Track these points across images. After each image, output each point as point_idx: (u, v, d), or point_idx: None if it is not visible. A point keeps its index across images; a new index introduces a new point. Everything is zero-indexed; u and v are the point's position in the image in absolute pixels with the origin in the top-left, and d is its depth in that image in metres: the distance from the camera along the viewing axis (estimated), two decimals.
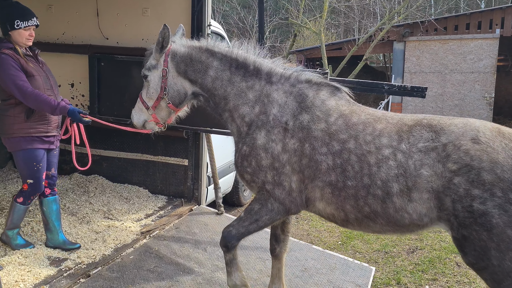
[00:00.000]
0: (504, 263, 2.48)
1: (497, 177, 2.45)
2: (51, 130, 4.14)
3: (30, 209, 5.15)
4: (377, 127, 2.90)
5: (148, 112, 3.49)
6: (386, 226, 2.86)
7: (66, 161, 6.42)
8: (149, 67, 3.45)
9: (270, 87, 3.25)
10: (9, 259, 3.93)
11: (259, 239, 4.99)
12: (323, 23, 18.02)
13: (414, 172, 2.66)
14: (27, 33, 3.98)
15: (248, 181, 3.30)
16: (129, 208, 5.38)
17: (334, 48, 19.54)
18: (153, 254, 4.35)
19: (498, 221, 2.44)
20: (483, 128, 2.63)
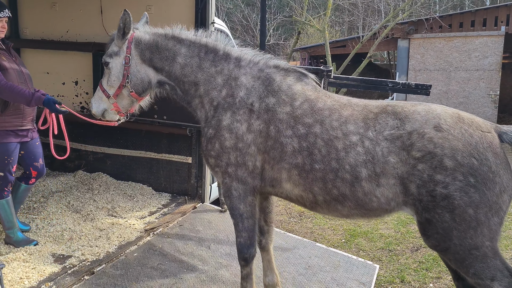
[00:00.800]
0: (465, 241, 2.62)
1: (458, 163, 2.58)
2: (26, 123, 4.16)
3: (35, 206, 5.17)
4: (343, 113, 2.96)
5: (109, 100, 3.38)
6: (355, 209, 2.92)
7: (70, 159, 6.45)
8: (111, 53, 3.35)
9: (238, 70, 3.26)
10: (14, 256, 3.94)
11: None
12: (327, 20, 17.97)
13: (382, 159, 2.74)
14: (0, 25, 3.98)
15: (212, 165, 3.30)
16: (133, 205, 5.39)
17: (338, 45, 19.51)
18: (157, 252, 4.36)
19: (460, 202, 2.57)
20: (444, 115, 2.74)
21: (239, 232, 3.32)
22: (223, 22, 7.43)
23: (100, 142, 6.23)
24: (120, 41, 3.32)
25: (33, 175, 4.37)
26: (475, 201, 2.57)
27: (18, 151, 4.18)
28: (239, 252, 3.38)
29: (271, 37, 26.99)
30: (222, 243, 4.73)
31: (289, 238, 5.11)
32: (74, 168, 6.41)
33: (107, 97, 3.37)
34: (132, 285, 3.76)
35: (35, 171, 4.36)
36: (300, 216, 7.00)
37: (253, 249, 3.36)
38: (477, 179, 2.57)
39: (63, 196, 5.49)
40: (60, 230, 4.54)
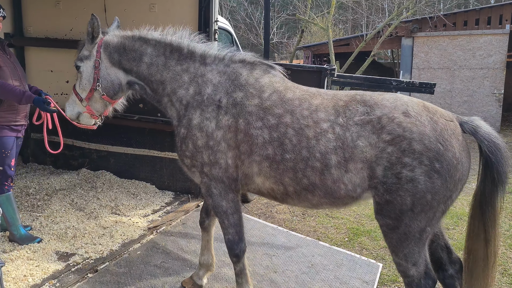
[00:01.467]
0: (414, 223, 2.75)
1: (425, 147, 2.67)
2: (20, 119, 4.26)
3: (39, 204, 5.19)
4: (313, 102, 3.01)
5: (82, 104, 3.42)
6: (324, 198, 2.97)
7: (74, 157, 6.48)
8: (82, 57, 3.41)
9: (204, 68, 3.29)
10: (18, 254, 3.96)
11: (266, 235, 5.00)
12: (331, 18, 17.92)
13: (351, 144, 2.81)
14: None
15: (188, 166, 3.32)
16: (136, 203, 5.40)
17: (341, 44, 19.45)
18: (160, 250, 4.37)
19: (423, 187, 2.68)
20: (411, 103, 2.84)
21: (226, 229, 3.35)
22: (226, 21, 7.42)
23: (103, 140, 6.25)
24: (90, 45, 3.39)
25: None
26: (436, 187, 2.68)
27: (15, 145, 4.25)
28: (229, 249, 3.40)
29: (274, 35, 26.92)
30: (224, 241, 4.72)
31: (291, 236, 5.11)
32: (78, 166, 6.44)
33: (80, 101, 3.41)
34: (136, 283, 3.78)
35: None
36: (303, 215, 7.00)
37: (242, 244, 3.39)
38: (442, 165, 2.67)
39: (67, 194, 5.51)
40: (63, 228, 4.56)
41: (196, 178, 3.37)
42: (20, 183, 5.78)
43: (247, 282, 3.51)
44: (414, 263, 2.84)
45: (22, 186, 5.71)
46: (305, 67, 4.99)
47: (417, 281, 2.87)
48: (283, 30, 28.54)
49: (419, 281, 2.87)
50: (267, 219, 6.72)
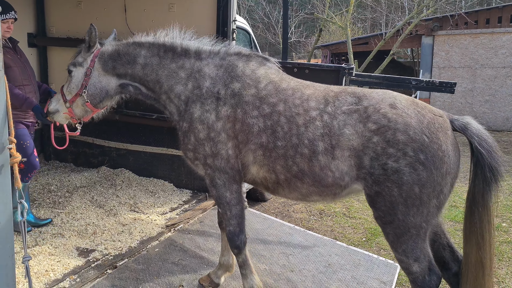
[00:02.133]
0: (408, 218, 2.77)
1: (409, 138, 2.71)
2: (29, 117, 4.48)
3: (60, 200, 5.29)
4: (305, 92, 3.12)
5: (66, 105, 3.53)
6: (312, 186, 3.03)
7: (94, 155, 6.58)
8: (75, 63, 3.52)
9: (200, 62, 3.37)
10: (40, 249, 4.04)
11: (283, 235, 5.01)
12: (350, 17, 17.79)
13: (337, 131, 2.88)
14: (5, 26, 4.26)
15: (191, 159, 3.39)
16: (154, 201, 5.46)
17: (360, 42, 19.30)
18: (178, 247, 4.41)
19: (408, 179, 2.70)
20: (399, 97, 2.91)
21: (228, 221, 3.39)
22: (244, 20, 7.43)
23: (123, 138, 6.33)
24: (85, 53, 3.50)
25: None
26: (422, 180, 2.70)
27: (30, 137, 4.45)
28: (231, 241, 3.44)
29: (292, 34, 26.86)
30: None
31: (308, 236, 5.10)
32: (98, 164, 6.54)
33: (64, 101, 3.53)
34: (154, 279, 3.82)
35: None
36: (320, 214, 6.98)
37: (243, 235, 3.43)
38: (427, 156, 2.69)
39: (87, 191, 5.60)
40: (84, 225, 4.64)
41: (200, 171, 3.44)
42: (42, 180, 5.90)
43: (252, 272, 3.55)
44: (415, 259, 2.85)
45: (44, 183, 5.83)
46: (322, 66, 4.98)
47: (422, 278, 2.88)
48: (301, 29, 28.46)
49: (423, 278, 2.88)
50: (284, 218, 6.73)
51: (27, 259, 2.68)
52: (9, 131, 2.70)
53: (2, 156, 2.70)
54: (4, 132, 2.72)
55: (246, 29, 6.97)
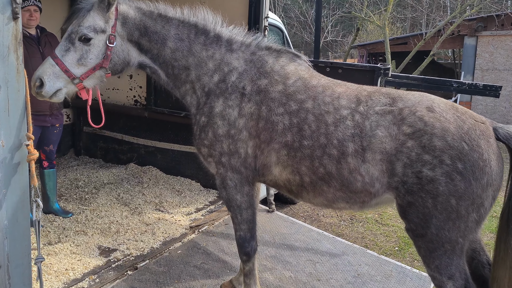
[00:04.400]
0: (442, 233, 2.55)
1: (447, 144, 2.49)
2: (42, 109, 4.41)
3: (86, 197, 5.27)
4: (336, 90, 2.92)
5: (74, 81, 2.89)
6: (340, 191, 2.82)
7: (123, 151, 6.57)
8: (96, 28, 2.89)
9: (230, 55, 3.14)
10: (62, 247, 4.00)
11: (310, 241, 4.80)
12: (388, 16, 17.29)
13: (369, 132, 2.68)
14: (27, 14, 4.20)
15: (205, 155, 3.19)
16: (180, 201, 5.36)
17: (399, 42, 18.76)
18: (201, 250, 4.29)
19: (444, 189, 2.48)
20: (438, 101, 2.70)
21: (238, 225, 3.23)
22: (277, 17, 7.25)
23: (152, 136, 6.28)
24: (103, 14, 2.91)
25: (43, 158, 4.71)
26: (460, 191, 2.47)
27: (37, 135, 4.44)
28: (240, 247, 3.28)
29: (329, 33, 26.46)
30: (267, 244, 4.58)
31: (337, 242, 4.87)
32: (127, 161, 6.51)
33: (70, 78, 2.87)
34: (174, 283, 3.70)
35: (43, 154, 4.70)
36: (351, 220, 6.72)
37: (254, 242, 3.27)
38: (466, 166, 2.47)
39: (114, 188, 5.56)
40: (107, 223, 4.58)
41: (212, 169, 3.25)
42: (71, 175, 5.91)
43: (255, 283, 3.39)
44: (449, 276, 2.62)
45: (72, 178, 5.83)
46: (357, 65, 4.74)
47: None
48: (338, 28, 28.00)
49: None
50: (313, 223, 6.51)
51: (40, 260, 2.59)
52: (28, 127, 2.64)
53: (20, 152, 2.63)
54: (23, 128, 2.65)
55: (279, 27, 6.79)
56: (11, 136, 2.58)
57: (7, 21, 2.46)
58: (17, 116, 2.60)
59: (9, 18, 2.46)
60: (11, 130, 2.57)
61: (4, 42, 2.46)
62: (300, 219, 6.37)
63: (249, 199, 3.17)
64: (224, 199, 3.25)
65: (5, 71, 2.49)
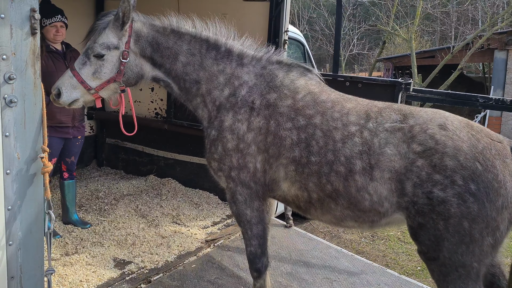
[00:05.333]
0: (455, 257, 2.45)
1: (459, 164, 2.41)
2: (65, 121, 4.49)
3: (105, 208, 5.32)
4: (346, 105, 2.88)
5: (90, 92, 3.05)
6: (347, 209, 2.76)
7: (143, 163, 6.62)
8: (109, 45, 3.02)
9: (241, 69, 3.14)
10: (78, 258, 4.04)
11: (328, 258, 4.70)
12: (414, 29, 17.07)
13: (378, 150, 2.61)
14: (53, 30, 4.34)
15: (215, 169, 3.18)
16: (197, 214, 5.35)
17: (426, 56, 18.47)
18: (216, 265, 4.25)
19: (456, 211, 2.39)
20: (452, 118, 2.62)
21: (249, 240, 3.18)
22: (298, 31, 7.24)
23: (171, 148, 6.32)
24: (119, 32, 3.04)
25: (63, 169, 4.80)
26: (473, 213, 2.37)
27: (59, 146, 4.52)
28: (251, 263, 3.22)
29: (354, 46, 26.31)
30: (283, 260, 4.51)
31: (356, 261, 4.75)
32: (147, 172, 6.56)
33: (85, 89, 3.04)
34: None
35: (64, 165, 4.79)
36: (372, 237, 6.57)
37: (265, 258, 3.21)
38: (479, 187, 2.37)
39: (133, 200, 5.60)
40: (124, 235, 4.60)
41: (222, 183, 3.23)
42: (92, 186, 5.99)
43: None
44: None
45: (93, 189, 5.91)
46: (377, 80, 4.65)
47: None
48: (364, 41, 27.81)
49: None
50: (333, 239, 6.40)
51: (50, 272, 2.61)
52: (43, 140, 2.68)
53: (35, 165, 2.67)
54: (39, 140, 2.70)
55: (300, 40, 6.77)
56: (27, 149, 2.62)
57: (26, 36, 2.52)
58: (33, 129, 2.64)
59: (27, 34, 2.52)
60: (27, 142, 2.62)
61: (22, 57, 2.52)
62: (320, 235, 6.27)
63: (259, 214, 3.13)
64: (234, 214, 3.22)
65: (23, 85, 2.54)
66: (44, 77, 4.30)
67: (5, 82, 2.44)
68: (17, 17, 2.45)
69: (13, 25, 2.44)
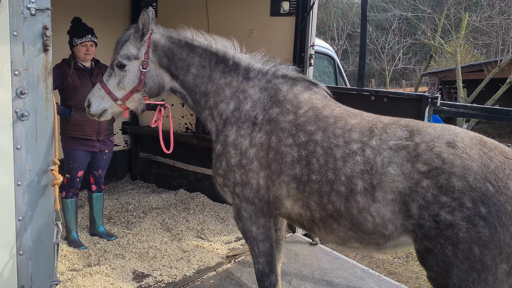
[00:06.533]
0: (465, 284, 2.28)
1: (468, 185, 2.24)
2: (89, 134, 4.62)
3: (133, 221, 5.41)
4: (350, 121, 2.76)
5: (116, 103, 3.19)
6: (350, 230, 2.63)
7: (174, 177, 6.71)
8: (129, 56, 3.15)
9: (247, 83, 3.12)
10: (98, 269, 4.10)
11: (353, 278, 4.53)
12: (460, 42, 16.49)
13: (380, 170, 2.48)
14: (84, 49, 4.54)
15: (220, 185, 3.14)
16: (222, 229, 5.33)
17: (474, 70, 17.78)
18: (234, 281, 4.19)
19: (465, 236, 2.22)
20: (462, 135, 2.44)
21: (256, 258, 3.10)
22: (328, 45, 7.15)
23: (200, 162, 6.37)
24: (139, 43, 3.16)
25: (91, 181, 4.94)
26: (483, 239, 2.19)
27: (86, 160, 4.68)
28: (259, 281, 3.14)
29: (399, 61, 25.77)
30: (305, 279, 4.39)
31: (383, 282, 4.55)
32: (177, 187, 6.64)
33: (112, 99, 3.18)
34: None
35: (92, 177, 4.94)
36: (406, 258, 6.28)
37: (273, 276, 3.11)
38: (490, 210, 2.18)
39: (160, 213, 5.67)
40: (146, 248, 4.65)
41: (229, 199, 3.18)
42: (123, 199, 6.12)
43: None
44: None
45: (124, 202, 6.03)
46: (402, 94, 4.48)
47: None
48: (410, 56, 27.20)
49: None
50: (363, 259, 6.17)
51: (55, 283, 2.65)
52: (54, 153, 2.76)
53: (46, 177, 2.75)
54: (50, 153, 2.78)
55: (330, 55, 6.69)
56: (38, 161, 2.70)
57: (38, 52, 2.62)
58: (45, 142, 2.73)
59: (39, 50, 2.62)
60: (38, 155, 2.70)
61: (34, 73, 2.61)
62: (351, 254, 6.07)
63: (266, 231, 3.06)
64: (241, 231, 3.17)
65: (34, 100, 2.63)
66: (70, 93, 4.54)
67: (17, 96, 2.54)
68: (29, 35, 2.55)
69: (25, 42, 2.54)
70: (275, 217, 3.20)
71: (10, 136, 2.56)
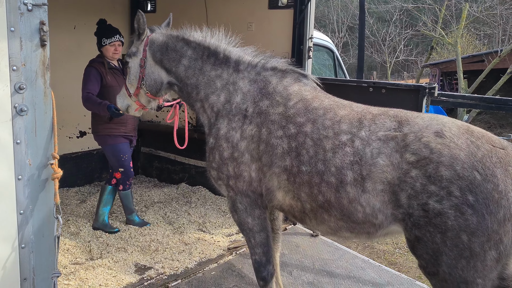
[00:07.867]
0: (455, 272, 2.31)
1: (456, 174, 2.26)
2: (129, 131, 4.91)
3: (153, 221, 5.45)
4: (339, 113, 2.76)
5: (132, 98, 3.47)
6: (341, 220, 2.66)
7: (176, 171, 6.74)
8: (130, 54, 3.39)
9: (237, 75, 3.15)
10: (101, 262, 4.15)
11: (353, 268, 4.57)
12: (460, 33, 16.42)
13: (370, 161, 2.50)
14: (112, 49, 4.72)
15: (215, 178, 3.18)
16: (223, 221, 5.37)
17: (475, 60, 17.72)
18: (235, 272, 4.23)
19: (454, 224, 2.25)
20: (450, 124, 2.46)
21: (253, 249, 3.14)
22: (328, 38, 7.15)
23: (202, 156, 6.38)
24: (137, 42, 3.37)
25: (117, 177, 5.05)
26: (471, 226, 2.22)
27: (130, 151, 4.95)
28: (256, 271, 3.18)
29: (401, 53, 25.68)
30: (306, 270, 4.43)
31: (383, 272, 4.58)
32: (179, 181, 6.68)
33: (129, 96, 3.47)
34: None
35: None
36: (407, 248, 6.30)
37: (270, 266, 3.15)
38: (477, 198, 2.21)
39: (162, 207, 5.71)
40: (148, 241, 4.69)
41: (223, 192, 3.22)
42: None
43: None
44: None
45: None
46: (400, 85, 4.49)
47: None
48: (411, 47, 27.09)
49: None
50: (365, 249, 6.21)
51: (56, 275, 2.68)
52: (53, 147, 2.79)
53: (46, 171, 2.78)
54: (50, 148, 2.81)
55: (329, 47, 6.69)
56: (38, 156, 2.73)
57: (35, 48, 2.64)
58: (44, 136, 2.75)
59: (37, 45, 2.64)
60: (38, 149, 2.73)
61: (32, 68, 2.64)
62: (352, 245, 6.11)
63: (261, 222, 3.09)
64: (236, 223, 3.20)
65: (33, 95, 2.66)
66: (108, 91, 4.73)
67: (15, 91, 2.57)
68: (26, 30, 2.57)
69: (22, 38, 2.56)
70: (270, 208, 3.24)
71: (9, 131, 2.60)
